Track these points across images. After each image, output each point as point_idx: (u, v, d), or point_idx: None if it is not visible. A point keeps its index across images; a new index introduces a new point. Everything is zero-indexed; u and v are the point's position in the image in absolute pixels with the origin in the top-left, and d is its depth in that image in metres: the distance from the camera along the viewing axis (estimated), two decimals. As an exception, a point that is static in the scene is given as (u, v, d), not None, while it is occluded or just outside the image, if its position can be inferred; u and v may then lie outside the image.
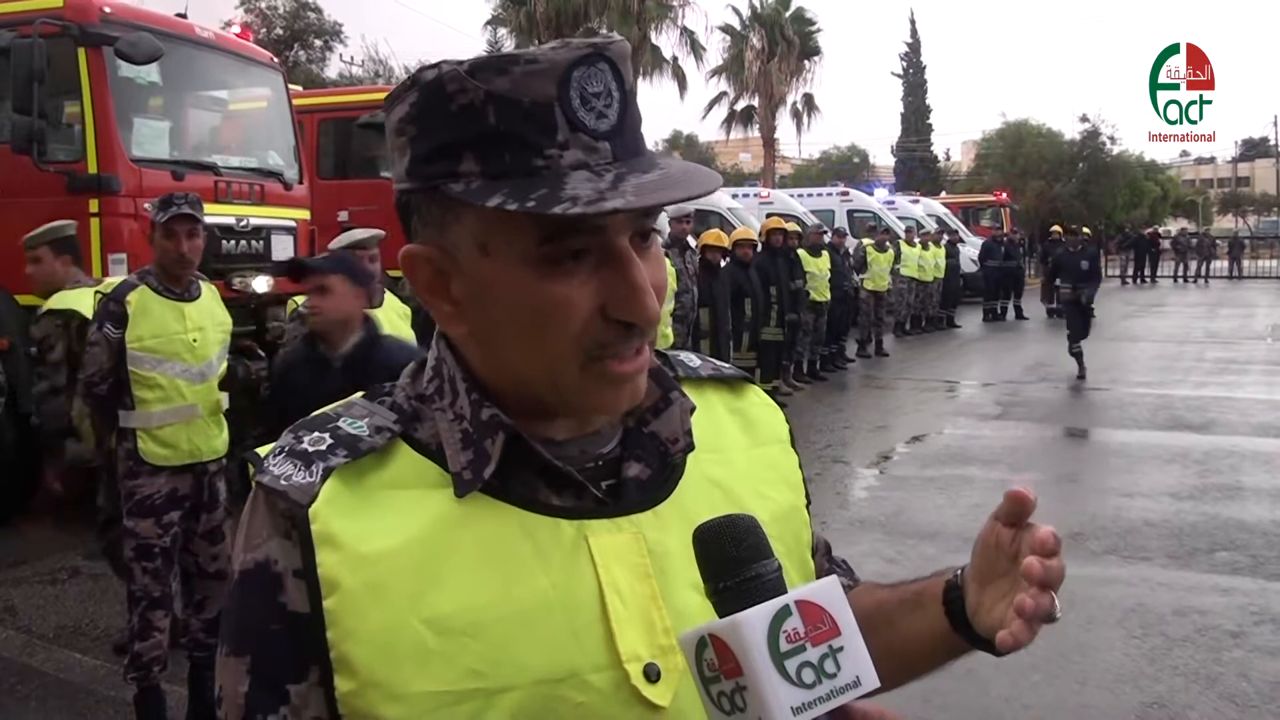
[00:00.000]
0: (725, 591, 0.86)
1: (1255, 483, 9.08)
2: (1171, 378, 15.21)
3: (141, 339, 4.38)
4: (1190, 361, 16.89)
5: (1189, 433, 11.24)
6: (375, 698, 0.92)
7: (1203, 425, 11.59)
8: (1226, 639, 5.67)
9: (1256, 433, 11.19)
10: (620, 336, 0.96)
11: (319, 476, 0.96)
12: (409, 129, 0.97)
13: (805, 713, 0.81)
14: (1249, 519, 7.96)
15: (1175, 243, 41.47)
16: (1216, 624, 5.88)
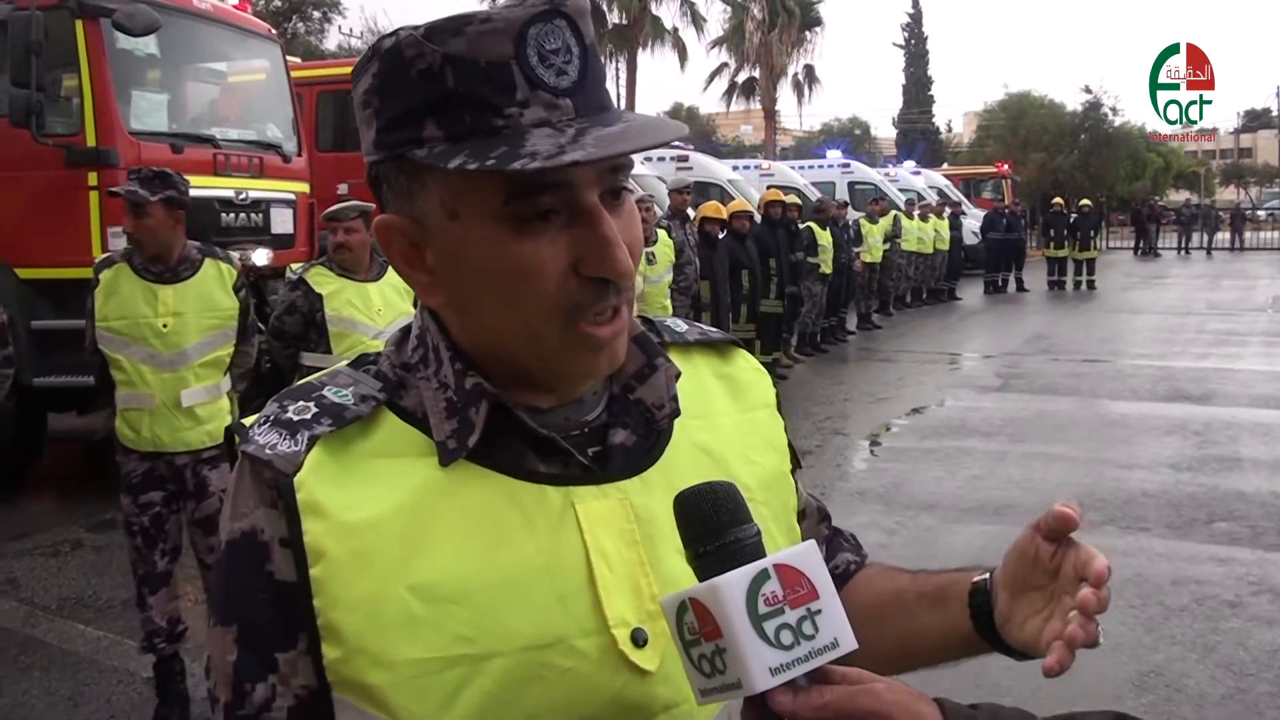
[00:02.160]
0: (705, 556, 0.87)
1: (1254, 454, 9.09)
2: (1172, 349, 15.19)
3: (107, 319, 4.32)
4: (1191, 333, 16.86)
5: (1189, 404, 11.25)
6: (362, 664, 0.92)
7: (1202, 396, 11.59)
8: (1224, 609, 5.69)
9: (1256, 404, 11.20)
10: (596, 294, 0.95)
11: (304, 445, 0.96)
12: (374, 100, 0.97)
13: (783, 673, 0.82)
14: (1248, 490, 7.98)
15: (1179, 214, 41.33)
16: (1214, 594, 5.89)
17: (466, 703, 0.92)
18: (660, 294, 9.58)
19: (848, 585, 1.26)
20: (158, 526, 4.32)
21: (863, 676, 0.86)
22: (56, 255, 7.32)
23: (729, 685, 0.83)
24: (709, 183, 19.42)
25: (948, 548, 6.63)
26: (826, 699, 0.83)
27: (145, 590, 4.32)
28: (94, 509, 7.33)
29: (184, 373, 4.32)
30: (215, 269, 4.48)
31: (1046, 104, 48.70)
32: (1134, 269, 31.88)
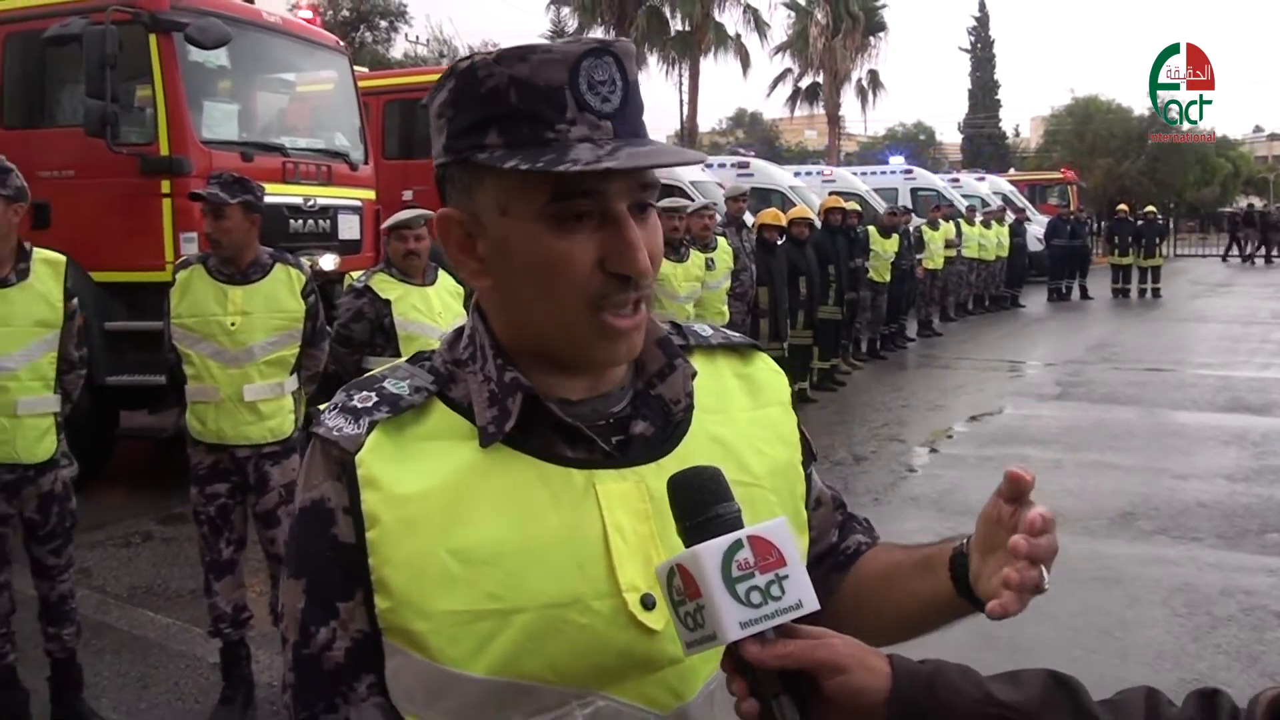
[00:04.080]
0: (691, 529, 1.02)
1: (1317, 466, 9.00)
2: (1235, 359, 15.02)
3: (180, 316, 4.51)
4: (1255, 343, 16.63)
5: (1248, 414, 11.14)
6: (408, 614, 1.09)
7: (1263, 407, 11.47)
8: (1272, 619, 5.66)
9: (1320, 415, 11.07)
10: (618, 288, 1.11)
11: (365, 429, 1.13)
12: (448, 111, 1.14)
13: (752, 627, 0.96)
14: (1309, 505, 7.91)
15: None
16: (1263, 604, 5.87)
17: (495, 650, 1.09)
18: (718, 299, 9.66)
19: (857, 562, 1.40)
20: (223, 517, 4.52)
21: (824, 633, 1.00)
22: (129, 259, 7.59)
23: (707, 637, 0.98)
24: (770, 189, 19.48)
25: (997, 553, 6.67)
26: (789, 650, 0.97)
27: (211, 577, 4.52)
28: (164, 503, 7.59)
29: (248, 369, 4.49)
30: (285, 273, 4.65)
31: (1113, 109, 48.15)
32: (1201, 277, 31.34)
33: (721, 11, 39.48)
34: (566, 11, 39.18)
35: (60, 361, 4.26)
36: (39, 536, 4.19)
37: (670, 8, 37.94)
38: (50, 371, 4.20)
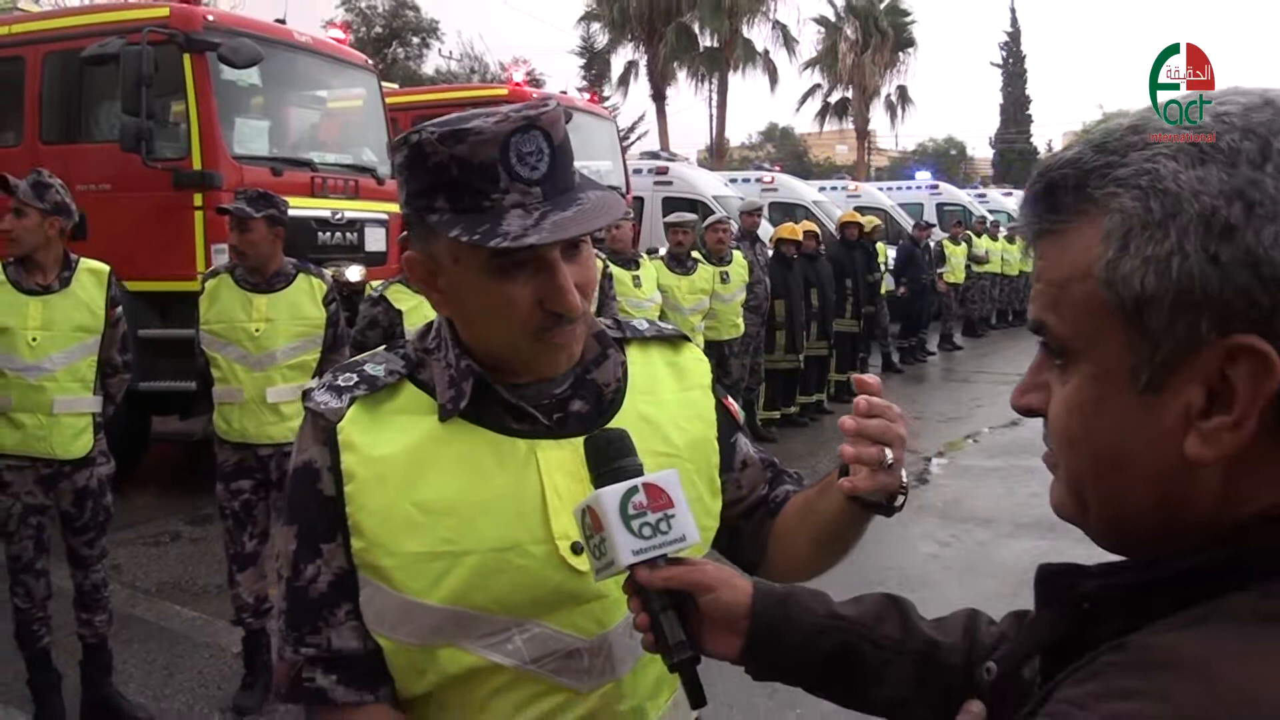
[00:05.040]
0: (599, 477, 1.26)
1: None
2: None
3: (209, 322, 4.79)
4: None
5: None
6: (378, 553, 1.34)
7: None
8: None
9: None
10: (554, 321, 1.35)
11: (347, 403, 1.39)
12: (404, 173, 1.37)
13: (642, 554, 1.21)
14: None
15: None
16: None
17: (449, 584, 1.34)
18: (732, 312, 9.86)
19: (785, 506, 1.63)
20: (247, 511, 4.78)
21: (702, 562, 1.25)
22: (163, 269, 7.84)
23: (609, 564, 1.22)
24: (794, 203, 19.68)
25: (998, 561, 6.82)
26: (672, 573, 1.21)
27: (235, 569, 4.77)
28: (193, 504, 7.86)
29: (271, 372, 4.76)
30: (307, 282, 4.92)
31: (1144, 125, 48.04)
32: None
33: (750, 28, 39.72)
34: (596, 27, 39.55)
35: (104, 366, 4.52)
36: (74, 528, 4.44)
37: (699, 24, 38.18)
38: (89, 374, 4.44)
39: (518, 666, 1.35)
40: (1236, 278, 0.70)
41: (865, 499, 1.40)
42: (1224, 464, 0.73)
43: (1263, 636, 0.67)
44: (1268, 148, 0.71)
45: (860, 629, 1.20)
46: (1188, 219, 0.71)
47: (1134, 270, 0.73)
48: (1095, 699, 0.68)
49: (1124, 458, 0.77)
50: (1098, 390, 0.77)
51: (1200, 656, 0.67)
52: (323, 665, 1.36)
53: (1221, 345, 0.71)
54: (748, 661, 1.22)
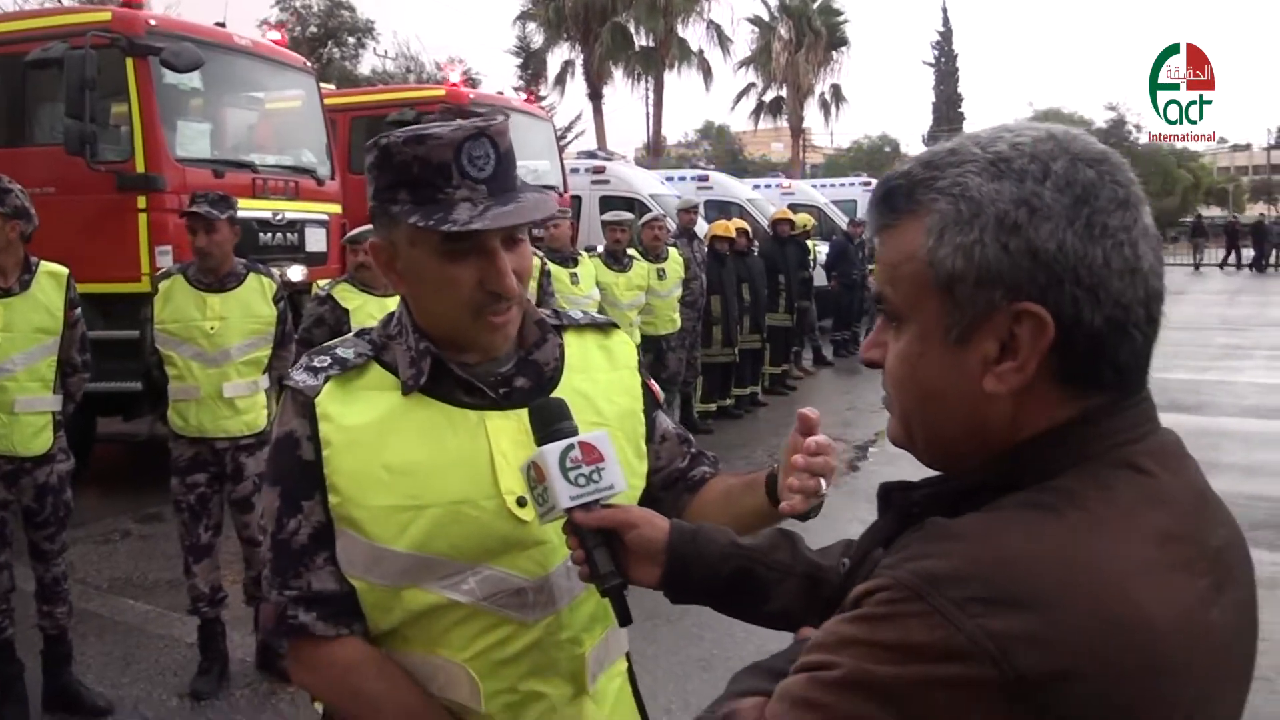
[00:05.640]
0: (542, 437, 1.51)
1: (1231, 459, 9.50)
2: (1174, 362, 15.50)
3: (163, 322, 4.95)
4: (1196, 347, 17.18)
5: (1179, 414, 11.58)
6: (351, 507, 1.58)
7: (1194, 407, 11.97)
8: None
9: (1245, 414, 11.63)
10: (494, 300, 1.60)
11: (322, 381, 1.64)
12: (374, 171, 1.63)
13: (578, 500, 1.46)
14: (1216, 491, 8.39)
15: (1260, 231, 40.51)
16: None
17: (412, 533, 1.58)
18: (669, 307, 10.13)
19: (704, 487, 1.89)
20: (202, 504, 4.96)
21: (628, 506, 1.48)
22: (107, 271, 7.85)
23: (551, 509, 1.47)
24: (729, 201, 19.97)
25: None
26: (602, 514, 1.47)
27: (191, 559, 4.96)
28: (140, 503, 7.99)
29: (226, 368, 4.95)
30: (258, 282, 5.12)
31: (1075, 120, 48.99)
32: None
33: (685, 27, 40.13)
34: (532, 27, 39.70)
35: (63, 365, 4.68)
36: (35, 523, 4.60)
37: (634, 24, 38.48)
38: (49, 374, 4.60)
39: (472, 603, 1.60)
40: (1021, 262, 0.96)
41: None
42: (1012, 397, 0.99)
43: (1021, 519, 0.94)
44: (1047, 169, 0.97)
45: (756, 555, 1.46)
46: (987, 218, 0.97)
47: (948, 255, 0.98)
48: (902, 561, 0.94)
49: (940, 395, 1.03)
50: (921, 344, 1.03)
51: (974, 529, 0.94)
52: (304, 604, 1.59)
53: (1010, 310, 0.96)
54: (666, 587, 1.47)
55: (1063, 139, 1.00)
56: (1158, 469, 1.00)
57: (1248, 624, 1.05)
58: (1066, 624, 0.85)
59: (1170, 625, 0.89)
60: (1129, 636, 0.87)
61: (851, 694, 0.90)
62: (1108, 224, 0.96)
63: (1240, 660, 1.03)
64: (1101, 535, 0.91)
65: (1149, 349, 1.01)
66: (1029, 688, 0.84)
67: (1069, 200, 0.96)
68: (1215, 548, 1.01)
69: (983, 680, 0.84)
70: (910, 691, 0.87)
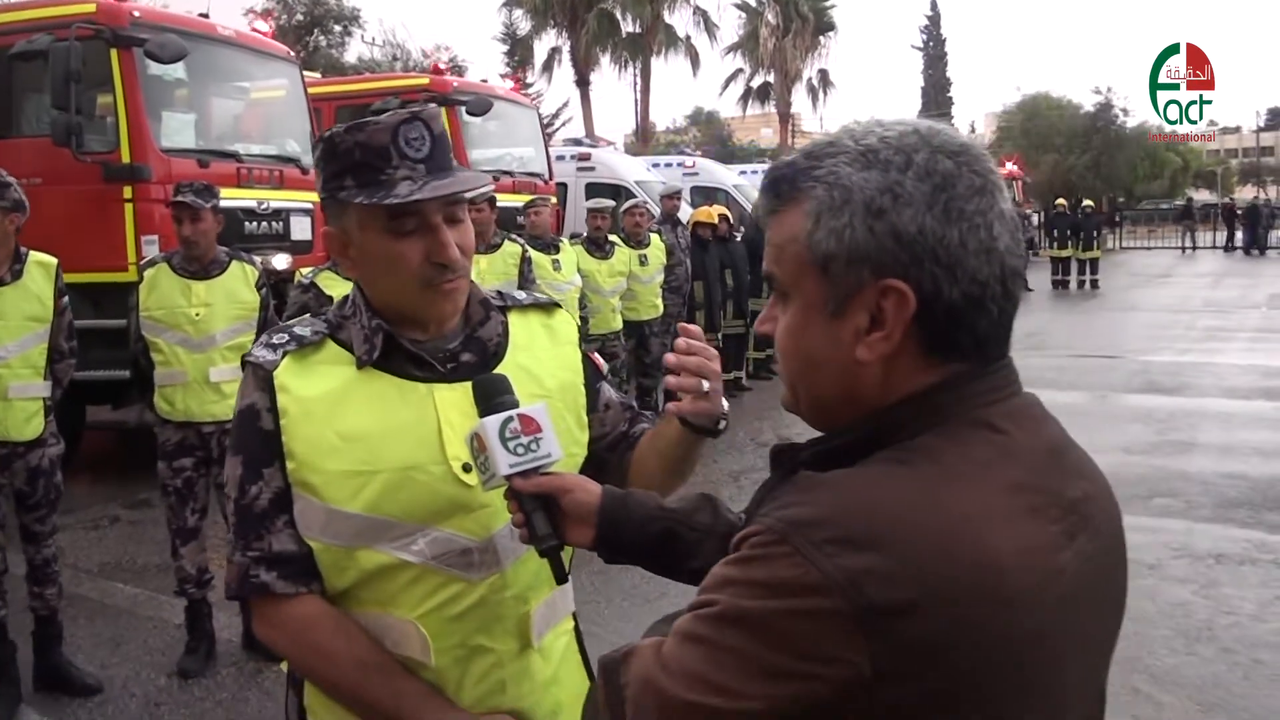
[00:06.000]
0: (484, 410, 1.62)
1: (1209, 439, 9.65)
2: (1158, 344, 15.69)
3: (149, 309, 5.08)
4: (1180, 330, 17.38)
5: (1159, 395, 11.78)
6: (307, 472, 1.70)
7: (1174, 388, 12.15)
8: (1142, 570, 6.21)
9: (1225, 394, 11.74)
10: (440, 272, 1.72)
11: (280, 356, 1.75)
12: (321, 163, 1.75)
13: (516, 468, 1.57)
14: (1192, 470, 8.53)
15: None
16: (1137, 558, 6.30)
17: (364, 496, 1.69)
18: (651, 293, 10.24)
19: (641, 440, 2.00)
20: (189, 488, 5.09)
21: (563, 474, 1.60)
22: (94, 261, 7.94)
23: (492, 476, 1.58)
24: (714, 187, 20.06)
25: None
26: (539, 481, 1.58)
27: (178, 542, 5.08)
28: (129, 489, 8.13)
29: (212, 354, 5.08)
30: (240, 269, 5.25)
31: (1064, 104, 49.03)
32: (1142, 269, 32.08)
33: (671, 13, 40.14)
34: (519, 14, 39.65)
35: (52, 352, 4.80)
36: (27, 506, 4.73)
37: (621, 10, 38.50)
38: (40, 361, 4.73)
39: (421, 563, 1.71)
40: (885, 243, 1.07)
41: (692, 422, 1.79)
42: (881, 364, 1.11)
43: (881, 471, 1.06)
44: (910, 160, 1.09)
45: (680, 517, 1.58)
46: (856, 204, 1.08)
47: (823, 238, 1.10)
48: (773, 509, 1.05)
49: (819, 362, 1.14)
50: (803, 318, 1.14)
51: (837, 481, 1.06)
52: (265, 564, 1.70)
53: (877, 286, 1.08)
54: (599, 547, 1.58)
55: (926, 133, 1.12)
56: (1012, 428, 1.11)
57: (1107, 570, 1.17)
58: (912, 560, 0.97)
59: (1015, 562, 1.01)
60: (972, 572, 0.98)
61: (728, 626, 1.01)
62: (964, 209, 1.08)
63: (1096, 603, 1.14)
64: (952, 484, 1.03)
65: (1008, 320, 1.13)
66: (878, 617, 0.95)
67: (928, 188, 1.07)
68: (1071, 499, 1.12)
69: (838, 611, 0.95)
70: (777, 622, 0.98)
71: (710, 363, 1.73)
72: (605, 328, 9.56)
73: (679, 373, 1.72)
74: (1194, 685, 4.82)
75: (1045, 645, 1.04)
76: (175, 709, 4.74)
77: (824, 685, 0.96)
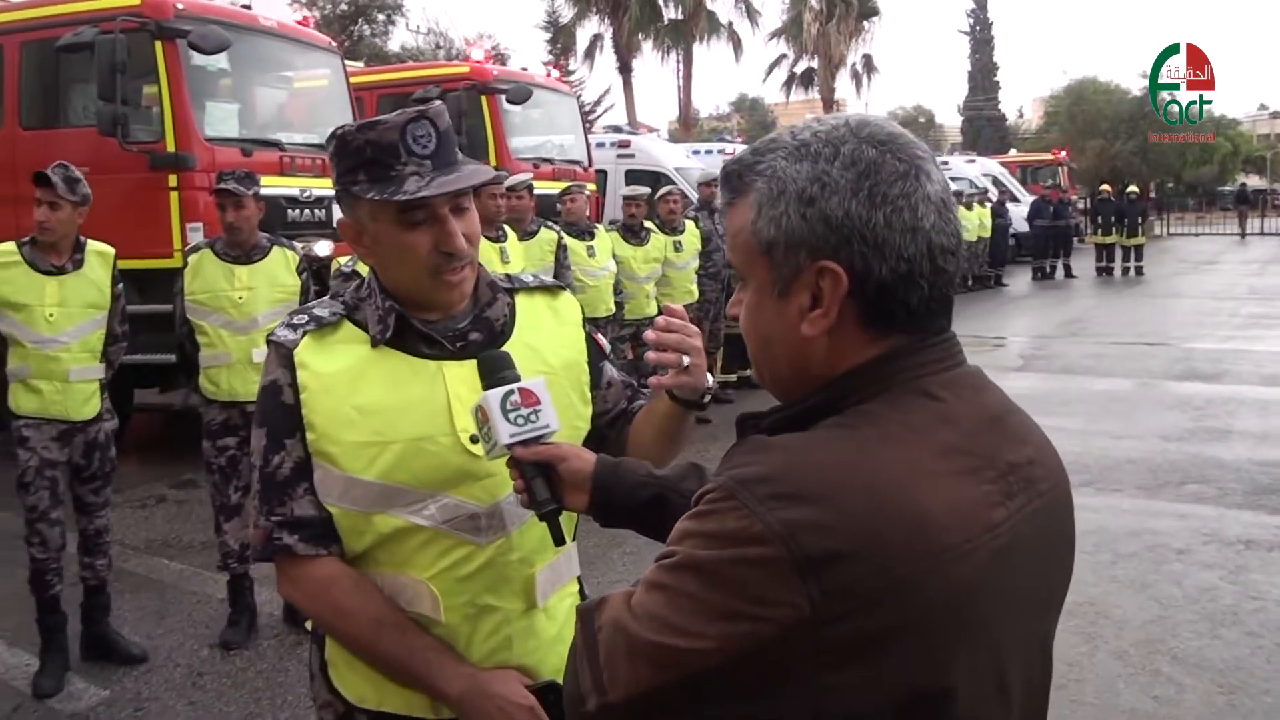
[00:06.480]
0: (488, 384, 1.73)
1: (1245, 426, 9.59)
2: (1200, 332, 15.54)
3: (194, 293, 5.29)
4: (1224, 317, 17.20)
5: (1198, 382, 11.69)
6: (326, 443, 1.82)
7: (1214, 375, 12.06)
8: (1170, 554, 6.27)
9: (1265, 382, 11.63)
10: (448, 260, 1.84)
11: (300, 335, 1.87)
12: (335, 158, 1.86)
13: (517, 437, 1.68)
14: (1228, 457, 8.48)
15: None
16: (1165, 543, 6.47)
17: (379, 465, 1.82)
18: (686, 279, 10.33)
19: (637, 415, 2.11)
20: (232, 466, 5.28)
21: (560, 444, 1.70)
22: (140, 248, 8.06)
23: (494, 445, 1.69)
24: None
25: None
26: (538, 449, 1.70)
27: (221, 519, 5.28)
28: (175, 470, 8.35)
29: (255, 335, 5.28)
30: (281, 254, 5.47)
31: (1109, 89, 48.47)
32: (1188, 255, 31.68)
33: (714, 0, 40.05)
34: (561, 1, 39.78)
35: (106, 336, 5.01)
36: (83, 478, 4.96)
37: (664, -2, 38.52)
38: (98, 346, 4.97)
39: (433, 527, 1.83)
40: (816, 227, 1.18)
41: (678, 395, 1.90)
42: (825, 339, 1.21)
43: (823, 435, 1.16)
44: (836, 152, 1.19)
45: (668, 484, 1.68)
46: (790, 194, 1.19)
47: (765, 225, 1.21)
48: (726, 469, 1.16)
49: (773, 339, 1.25)
50: (757, 299, 1.25)
51: (783, 443, 1.16)
52: (288, 528, 1.83)
53: (814, 267, 1.18)
54: (593, 511, 1.70)
55: (855, 126, 1.22)
56: (949, 396, 1.20)
57: (1049, 529, 1.26)
58: (846, 514, 1.07)
59: (944, 518, 1.10)
60: (901, 525, 1.08)
61: (685, 574, 1.12)
62: (888, 193, 1.17)
63: (1035, 558, 1.23)
64: (888, 446, 1.13)
65: (941, 294, 1.22)
66: (815, 565, 1.05)
67: (853, 175, 1.17)
68: (1010, 461, 1.21)
69: (779, 559, 1.06)
70: (726, 569, 1.09)
71: (690, 339, 1.84)
72: (640, 313, 9.62)
73: (661, 349, 1.83)
74: (1217, 669, 4.84)
75: (979, 595, 1.13)
76: (218, 678, 4.92)
77: (770, 626, 1.06)
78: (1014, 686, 1.21)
